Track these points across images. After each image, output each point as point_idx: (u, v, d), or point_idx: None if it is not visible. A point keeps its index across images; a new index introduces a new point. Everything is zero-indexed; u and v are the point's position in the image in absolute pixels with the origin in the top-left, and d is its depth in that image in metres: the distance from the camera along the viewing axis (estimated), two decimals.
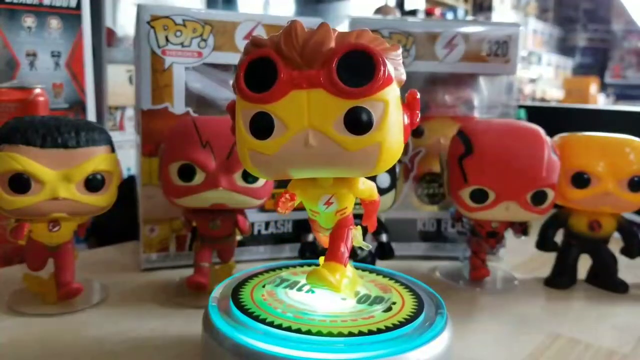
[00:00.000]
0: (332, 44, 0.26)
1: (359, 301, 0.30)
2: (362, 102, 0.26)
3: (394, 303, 0.30)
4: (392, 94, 0.27)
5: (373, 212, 0.32)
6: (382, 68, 0.26)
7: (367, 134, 0.26)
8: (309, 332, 0.26)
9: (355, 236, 0.31)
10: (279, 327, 0.27)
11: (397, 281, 0.34)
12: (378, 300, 0.30)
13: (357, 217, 0.32)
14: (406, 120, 0.28)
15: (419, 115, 0.28)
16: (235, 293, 0.31)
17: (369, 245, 0.33)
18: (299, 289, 0.31)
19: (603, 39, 5.39)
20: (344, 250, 0.29)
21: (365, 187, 0.31)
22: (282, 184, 0.51)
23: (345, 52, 0.26)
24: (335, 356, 0.25)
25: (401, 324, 0.28)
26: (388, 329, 0.27)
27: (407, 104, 0.28)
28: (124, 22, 1.57)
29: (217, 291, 0.31)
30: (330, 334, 0.26)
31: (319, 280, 0.28)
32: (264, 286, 0.32)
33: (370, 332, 0.27)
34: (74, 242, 0.41)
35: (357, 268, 0.34)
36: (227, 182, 0.38)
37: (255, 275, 0.34)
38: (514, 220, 0.45)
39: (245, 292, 0.31)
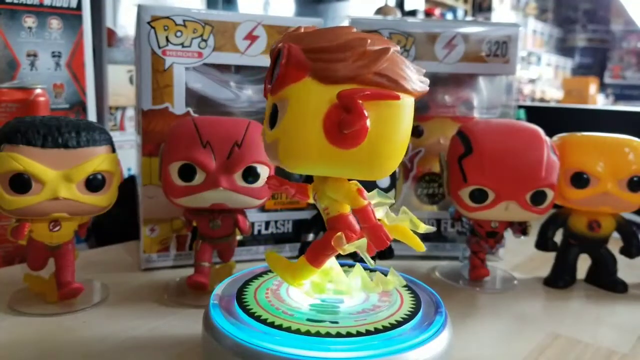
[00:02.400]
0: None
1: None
2: (276, 99, 0.28)
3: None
4: (298, 92, 0.26)
5: (364, 222, 0.29)
6: (281, 67, 0.26)
7: (274, 127, 0.28)
8: (309, 332, 0.26)
9: (359, 246, 0.29)
10: (279, 327, 0.27)
11: None
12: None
13: None
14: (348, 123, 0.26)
15: (360, 118, 0.26)
16: (237, 293, 0.31)
17: (373, 263, 0.30)
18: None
19: (602, 40, 5.39)
20: (319, 253, 0.30)
21: (341, 190, 0.29)
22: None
23: (276, 52, 0.28)
24: (336, 356, 0.25)
25: (400, 323, 0.28)
26: (387, 329, 0.27)
27: (341, 105, 0.26)
28: (124, 22, 1.57)
29: (218, 290, 0.32)
30: (330, 334, 0.26)
31: (274, 266, 0.30)
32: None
33: (370, 332, 0.27)
34: (75, 242, 0.41)
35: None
36: (228, 182, 0.38)
37: (256, 275, 0.34)
38: (514, 220, 0.45)
39: (247, 292, 0.31)
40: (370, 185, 0.31)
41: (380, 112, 0.26)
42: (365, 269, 0.33)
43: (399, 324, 0.28)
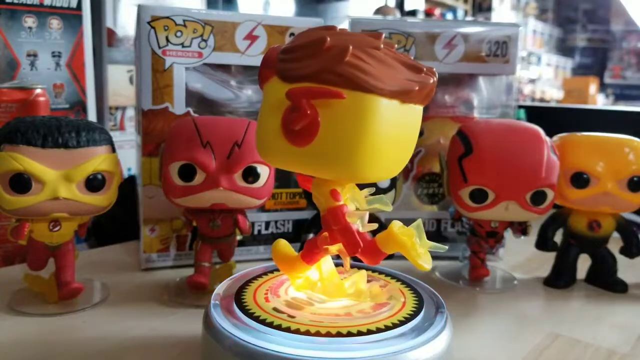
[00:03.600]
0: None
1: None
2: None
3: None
4: (267, 90, 0.29)
5: (334, 223, 0.29)
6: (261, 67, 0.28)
7: None
8: (309, 332, 0.26)
9: (339, 248, 0.29)
10: (279, 327, 0.27)
11: (398, 280, 0.34)
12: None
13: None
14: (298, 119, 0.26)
15: (303, 116, 0.26)
16: (237, 293, 0.31)
17: (347, 267, 0.31)
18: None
19: (602, 40, 5.39)
20: (310, 250, 0.30)
21: (317, 189, 0.29)
22: (283, 184, 0.51)
23: None
24: (336, 356, 0.25)
25: (401, 323, 0.28)
26: (388, 328, 0.27)
27: (290, 103, 0.26)
28: (124, 22, 1.57)
29: (218, 290, 0.32)
30: (330, 334, 0.26)
31: (276, 256, 0.32)
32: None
33: (370, 332, 0.27)
34: (75, 242, 0.41)
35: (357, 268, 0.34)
36: (228, 182, 0.38)
37: (256, 275, 0.34)
38: (514, 220, 0.45)
39: (247, 292, 0.31)
40: (369, 186, 0.31)
41: (335, 112, 0.26)
42: (374, 271, 0.34)
43: (400, 324, 0.28)
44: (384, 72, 0.26)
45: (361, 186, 0.31)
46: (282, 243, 0.32)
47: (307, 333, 0.26)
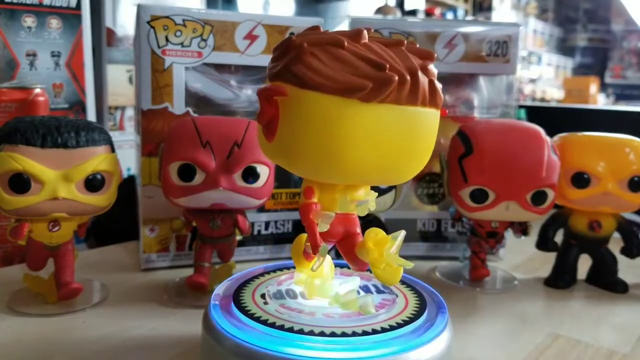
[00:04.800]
0: None
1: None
2: None
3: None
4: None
5: (301, 220, 0.29)
6: None
7: None
8: (309, 332, 0.26)
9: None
10: (280, 327, 0.27)
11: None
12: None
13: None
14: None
15: (262, 113, 0.27)
16: (236, 293, 0.31)
17: (314, 268, 0.30)
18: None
19: (603, 39, 5.39)
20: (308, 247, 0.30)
21: (302, 185, 0.30)
22: (283, 184, 0.51)
23: None
24: (336, 356, 0.25)
25: (402, 324, 0.28)
26: (389, 329, 0.27)
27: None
28: (124, 22, 1.57)
29: (218, 291, 0.31)
30: (330, 334, 0.26)
31: (293, 249, 0.33)
32: (265, 303, 0.30)
33: (371, 332, 0.27)
34: (74, 242, 0.41)
35: None
36: (227, 182, 0.38)
37: (256, 275, 0.34)
38: (514, 220, 0.45)
39: (246, 293, 0.31)
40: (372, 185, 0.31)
41: (289, 109, 0.27)
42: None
43: (404, 323, 0.28)
44: (337, 70, 0.25)
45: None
46: (303, 238, 0.32)
47: (308, 333, 0.26)
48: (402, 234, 0.28)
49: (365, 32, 0.27)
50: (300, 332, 0.26)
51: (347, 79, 0.25)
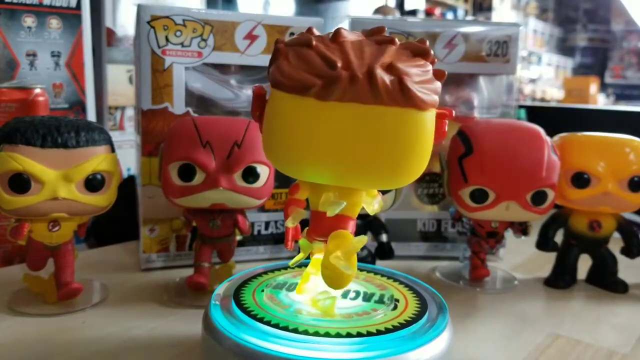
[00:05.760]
0: None
1: (364, 299, 0.31)
2: None
3: (397, 300, 0.30)
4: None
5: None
6: None
7: None
8: (310, 333, 0.26)
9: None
10: (280, 327, 0.27)
11: (399, 281, 0.34)
12: (381, 298, 0.30)
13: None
14: None
15: (254, 109, 0.29)
16: (237, 293, 0.31)
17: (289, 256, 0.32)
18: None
19: (603, 39, 5.39)
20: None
21: None
22: (283, 184, 0.51)
23: None
24: (336, 356, 0.25)
25: (403, 325, 0.28)
26: (389, 330, 0.27)
27: None
28: (124, 22, 1.57)
29: (218, 291, 0.31)
30: (331, 335, 0.26)
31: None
32: (262, 290, 0.31)
33: (371, 333, 0.27)
34: (74, 242, 0.41)
35: (358, 269, 0.34)
36: (227, 182, 0.38)
37: (257, 275, 0.34)
38: (514, 220, 0.45)
39: (247, 292, 0.31)
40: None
41: (266, 108, 0.28)
42: (376, 273, 0.34)
43: (402, 325, 0.28)
44: (297, 69, 0.26)
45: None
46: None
47: (308, 333, 0.26)
48: (361, 238, 0.28)
49: (342, 31, 0.27)
50: (301, 332, 0.26)
51: (301, 77, 0.25)
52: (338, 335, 0.26)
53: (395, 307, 0.30)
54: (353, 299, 0.31)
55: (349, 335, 0.26)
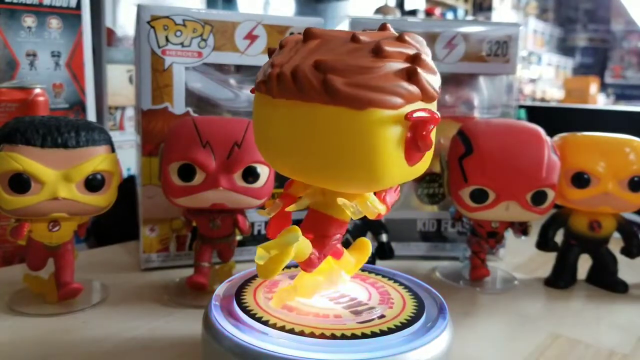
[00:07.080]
0: None
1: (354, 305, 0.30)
2: None
3: (383, 316, 0.29)
4: None
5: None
6: None
7: None
8: (310, 334, 0.26)
9: None
10: (280, 327, 0.27)
11: (398, 282, 0.34)
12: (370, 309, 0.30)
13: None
14: None
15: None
16: (237, 293, 0.31)
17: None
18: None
19: (603, 39, 5.39)
20: None
21: None
22: (283, 184, 0.51)
23: None
24: (336, 357, 0.25)
25: (403, 325, 0.28)
26: (389, 331, 0.27)
27: None
28: (124, 22, 1.57)
29: (218, 291, 0.31)
30: (331, 336, 0.26)
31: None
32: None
33: (371, 334, 0.26)
34: (74, 242, 0.41)
35: (360, 269, 0.34)
36: (227, 182, 0.38)
37: (257, 275, 0.34)
38: (514, 220, 0.45)
39: (247, 292, 0.31)
40: None
41: None
42: (377, 273, 0.35)
43: (402, 326, 0.27)
44: (262, 68, 0.28)
45: None
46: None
47: (308, 334, 0.26)
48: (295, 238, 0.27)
49: (312, 31, 0.26)
50: (301, 333, 0.26)
51: (257, 75, 0.28)
52: (338, 336, 0.26)
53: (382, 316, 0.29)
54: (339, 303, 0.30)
55: (348, 336, 0.26)
